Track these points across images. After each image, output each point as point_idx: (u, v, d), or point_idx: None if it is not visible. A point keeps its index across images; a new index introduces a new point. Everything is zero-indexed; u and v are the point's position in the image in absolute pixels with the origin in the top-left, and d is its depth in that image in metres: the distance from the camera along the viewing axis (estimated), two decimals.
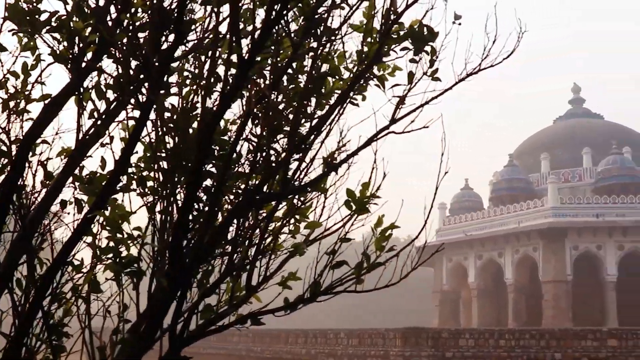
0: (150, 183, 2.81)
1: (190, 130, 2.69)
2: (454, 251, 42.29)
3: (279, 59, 2.76)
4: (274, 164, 2.72)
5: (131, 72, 2.57)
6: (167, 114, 2.66)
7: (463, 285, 43.20)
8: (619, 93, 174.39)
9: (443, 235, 42.91)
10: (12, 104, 2.94)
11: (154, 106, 2.50)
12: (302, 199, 2.95)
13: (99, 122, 2.80)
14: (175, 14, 2.47)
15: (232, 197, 2.83)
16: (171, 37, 2.47)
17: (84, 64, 2.70)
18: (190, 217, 2.62)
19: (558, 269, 36.26)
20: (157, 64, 2.40)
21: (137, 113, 2.64)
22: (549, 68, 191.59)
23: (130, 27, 2.55)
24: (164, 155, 2.64)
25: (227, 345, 33.11)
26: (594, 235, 37.02)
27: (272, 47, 2.64)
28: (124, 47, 2.54)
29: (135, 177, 2.91)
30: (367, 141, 2.70)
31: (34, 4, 2.69)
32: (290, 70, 2.78)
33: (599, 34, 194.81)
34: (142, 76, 2.51)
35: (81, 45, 2.66)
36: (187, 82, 2.79)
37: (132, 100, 2.64)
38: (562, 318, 35.09)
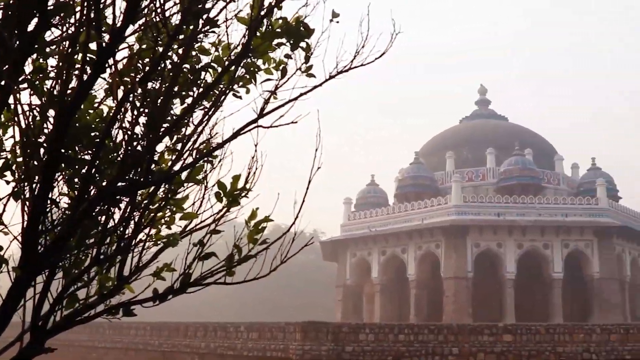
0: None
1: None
2: (358, 246, 42.95)
3: (159, 49, 2.76)
4: (139, 152, 2.71)
5: None
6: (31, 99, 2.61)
7: (366, 281, 43.89)
8: (524, 96, 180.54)
9: (348, 230, 43.51)
10: None
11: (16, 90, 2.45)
12: (173, 188, 2.95)
13: None
14: None
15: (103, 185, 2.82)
16: (35, 21, 2.43)
17: None
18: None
19: (459, 266, 37.33)
20: (18, 48, 2.36)
21: None
22: (460, 68, 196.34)
23: None
24: (25, 140, 2.60)
25: (123, 338, 32.52)
26: (494, 233, 38.30)
27: (146, 36, 2.63)
28: None
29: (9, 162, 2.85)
30: (234, 134, 2.74)
31: None
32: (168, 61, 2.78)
33: (510, 36, 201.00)
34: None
35: None
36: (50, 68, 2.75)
37: None
38: (462, 314, 36.14)
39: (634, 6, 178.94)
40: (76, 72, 2.47)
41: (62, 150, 2.53)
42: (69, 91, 2.45)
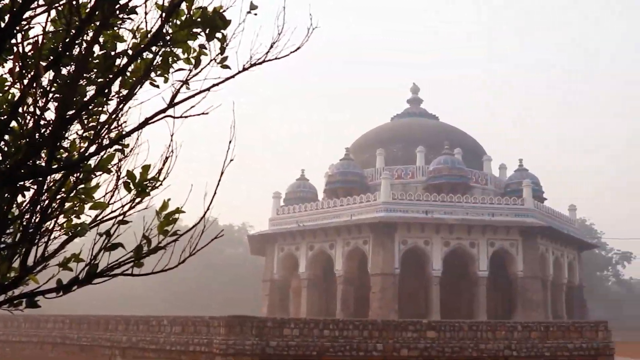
0: None
1: None
2: (286, 241, 43.00)
3: (72, 32, 2.70)
4: (46, 137, 2.66)
5: None
6: None
7: (293, 275, 44.00)
8: (455, 96, 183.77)
9: (276, 224, 43.52)
10: None
11: None
12: (83, 176, 2.90)
13: None
14: None
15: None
16: None
17: None
18: None
19: (386, 263, 37.75)
20: None
21: None
22: (394, 66, 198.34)
23: None
24: None
25: (40, 332, 31.66)
26: (422, 231, 38.88)
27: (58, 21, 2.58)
28: None
29: None
30: (142, 123, 2.72)
31: None
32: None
33: (447, 37, 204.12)
34: None
35: None
36: None
37: None
38: (388, 310, 36.59)
39: (568, 5, 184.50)
40: None
41: None
42: None
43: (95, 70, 2.78)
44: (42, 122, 2.65)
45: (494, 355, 22.02)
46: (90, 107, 2.72)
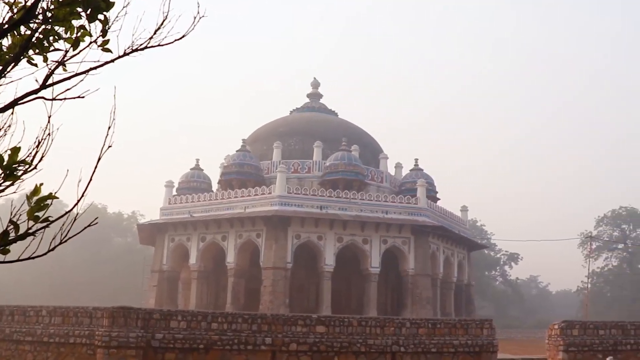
0: None
1: None
2: (177, 231, 42.37)
3: None
4: None
5: None
6: None
7: (183, 267, 43.46)
8: (355, 93, 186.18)
9: (167, 214, 42.81)
10: None
11: None
12: None
13: None
14: None
15: None
16: None
17: None
18: None
19: (279, 256, 37.85)
20: None
21: None
22: (296, 59, 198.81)
23: None
24: None
25: None
26: (316, 226, 39.20)
27: None
28: None
29: None
30: (10, 103, 2.63)
31: None
32: None
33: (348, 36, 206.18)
34: None
35: None
36: None
37: None
38: (278, 304, 36.75)
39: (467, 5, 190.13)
40: None
41: None
42: None
43: None
44: None
45: (382, 350, 22.41)
46: None
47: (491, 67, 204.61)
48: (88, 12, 2.70)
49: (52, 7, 2.80)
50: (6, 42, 2.91)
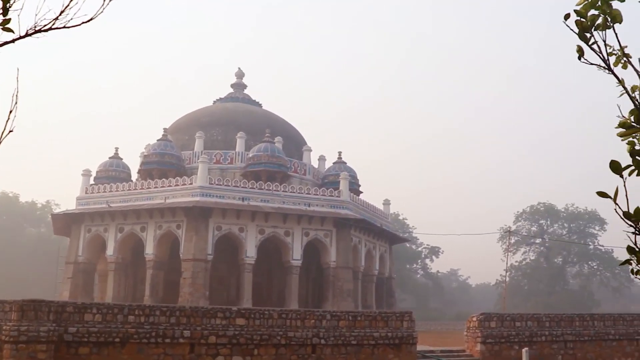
0: None
1: None
2: (94, 221, 41.29)
3: None
4: None
5: None
6: None
7: (100, 258, 42.40)
8: (279, 85, 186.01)
9: (84, 204, 41.63)
10: None
11: None
12: None
13: None
14: None
15: None
16: None
17: None
18: None
19: (199, 248, 37.39)
20: None
21: None
22: (221, 49, 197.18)
23: None
24: None
25: None
26: (237, 217, 38.88)
27: None
28: None
29: None
30: None
31: None
32: None
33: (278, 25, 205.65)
34: None
35: None
36: None
37: None
38: (198, 296, 36.31)
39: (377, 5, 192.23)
40: None
41: None
42: None
43: None
44: None
45: (302, 342, 22.38)
46: None
47: (414, 61, 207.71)
48: None
49: None
50: None
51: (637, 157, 2.67)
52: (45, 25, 2.64)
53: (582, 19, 2.73)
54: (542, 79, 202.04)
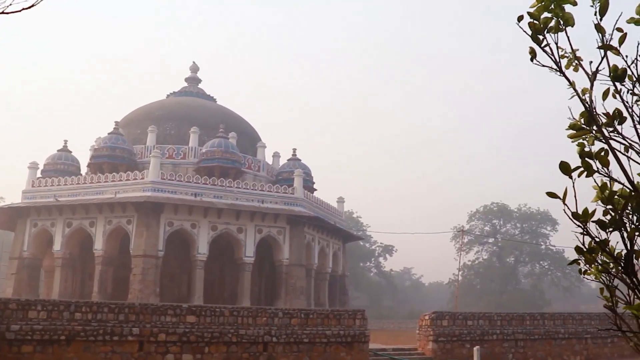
0: None
1: None
2: (41, 216, 40.47)
3: None
4: None
5: None
6: None
7: (47, 253, 41.59)
8: (235, 81, 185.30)
9: (30, 197, 40.78)
10: None
11: None
12: None
13: None
14: None
15: None
16: None
17: None
18: None
19: (150, 244, 37.00)
20: None
21: None
22: (175, 43, 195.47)
23: None
24: None
25: None
26: (190, 213, 38.58)
27: None
28: None
29: None
30: None
31: None
32: None
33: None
34: None
35: None
36: None
37: None
38: (148, 293, 35.94)
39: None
40: None
41: None
42: None
43: None
44: None
45: (254, 340, 22.38)
46: None
47: (372, 62, 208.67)
48: None
49: None
50: None
51: (586, 159, 2.72)
52: None
53: (535, 21, 2.77)
54: (498, 81, 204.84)
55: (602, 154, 2.72)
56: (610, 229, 2.74)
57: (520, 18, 2.77)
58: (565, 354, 29.23)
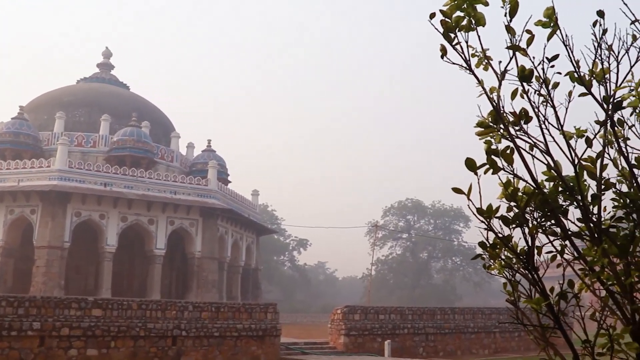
0: None
1: None
2: None
3: None
4: None
5: None
6: None
7: None
8: (149, 70, 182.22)
9: None
10: None
11: None
12: None
13: None
14: None
15: None
16: None
17: None
18: None
19: (55, 235, 36.06)
20: None
21: None
22: (88, 26, 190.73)
23: None
24: None
25: None
26: (98, 204, 37.80)
27: None
28: None
29: None
30: None
31: None
32: None
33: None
34: None
35: None
36: None
37: None
38: (53, 286, 35.04)
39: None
40: None
41: None
42: None
43: None
44: None
45: (163, 334, 22.11)
46: None
47: (293, 56, 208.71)
48: None
49: None
50: None
51: (492, 156, 2.80)
52: None
53: (447, 19, 2.83)
54: (412, 80, 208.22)
55: (508, 152, 2.80)
56: (514, 225, 2.83)
57: (432, 15, 2.83)
58: (474, 347, 30.06)
